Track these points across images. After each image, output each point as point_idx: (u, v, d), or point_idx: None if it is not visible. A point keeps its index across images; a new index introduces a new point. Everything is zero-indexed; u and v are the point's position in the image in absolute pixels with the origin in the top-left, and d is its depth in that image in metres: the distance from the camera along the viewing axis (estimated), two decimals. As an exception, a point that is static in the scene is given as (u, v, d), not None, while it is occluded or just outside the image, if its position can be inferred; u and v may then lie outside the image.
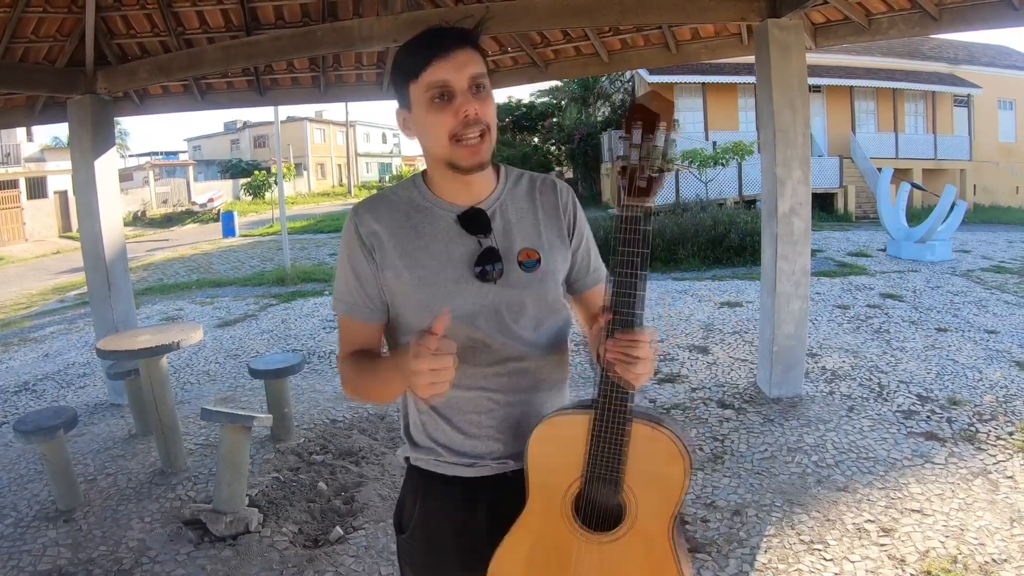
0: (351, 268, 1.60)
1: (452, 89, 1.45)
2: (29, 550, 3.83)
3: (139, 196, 36.96)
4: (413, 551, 1.69)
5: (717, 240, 13.63)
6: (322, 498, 4.32)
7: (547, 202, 1.67)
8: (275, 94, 7.60)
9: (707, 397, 5.84)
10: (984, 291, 9.96)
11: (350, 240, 1.59)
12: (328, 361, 7.63)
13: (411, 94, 1.51)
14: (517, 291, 1.57)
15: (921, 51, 26.31)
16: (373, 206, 1.62)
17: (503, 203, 1.63)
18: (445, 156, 1.51)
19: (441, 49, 1.46)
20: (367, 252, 1.57)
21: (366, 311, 1.61)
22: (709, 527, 3.80)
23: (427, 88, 1.46)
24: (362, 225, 1.58)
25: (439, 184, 1.61)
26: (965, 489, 4.08)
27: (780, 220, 5.53)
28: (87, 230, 6.40)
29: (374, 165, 60.84)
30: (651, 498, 1.46)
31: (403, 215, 1.59)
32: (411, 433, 1.69)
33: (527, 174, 1.71)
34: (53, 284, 16.37)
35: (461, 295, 1.53)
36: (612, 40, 6.81)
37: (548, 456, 1.48)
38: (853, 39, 6.01)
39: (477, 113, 1.46)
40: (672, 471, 1.44)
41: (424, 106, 1.48)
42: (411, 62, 1.49)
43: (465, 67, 1.46)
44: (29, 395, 7.03)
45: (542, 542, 1.51)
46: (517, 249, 1.59)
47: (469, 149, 1.48)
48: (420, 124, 1.52)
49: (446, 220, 1.58)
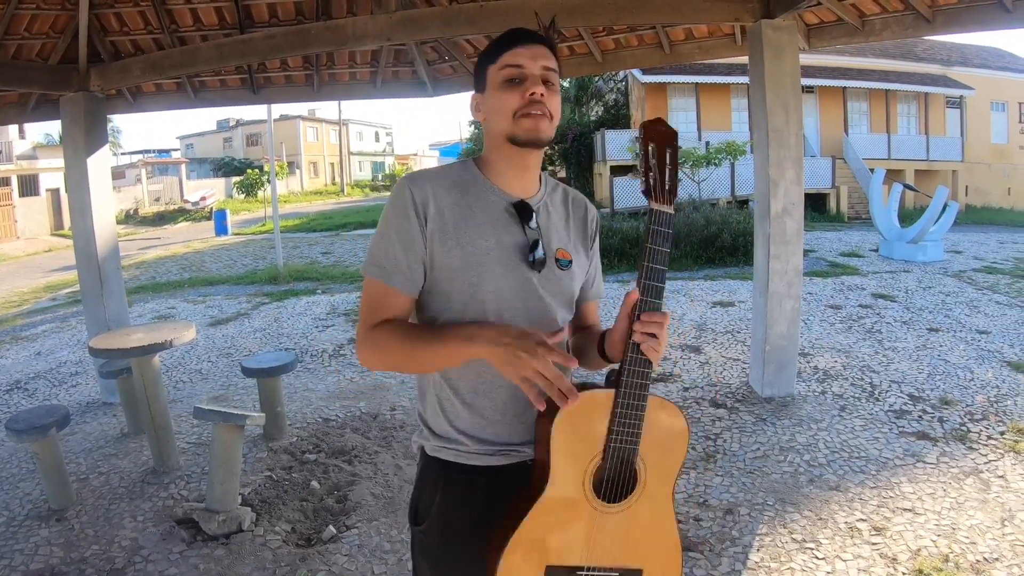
0: (396, 234, 1.58)
1: (525, 73, 1.59)
2: (21, 549, 3.82)
3: (131, 194, 36.90)
4: (430, 543, 1.68)
5: (710, 240, 13.65)
6: (315, 497, 4.32)
7: (578, 214, 1.80)
8: (269, 92, 7.58)
9: (700, 396, 5.85)
10: (976, 292, 10.00)
11: (402, 205, 1.59)
12: (321, 360, 7.63)
13: (488, 76, 1.64)
14: (552, 284, 1.65)
15: (914, 52, 26.40)
16: (429, 177, 1.65)
17: (545, 204, 1.72)
18: (508, 131, 1.60)
19: (523, 39, 1.62)
20: (420, 219, 1.58)
21: (402, 279, 1.59)
22: (702, 526, 3.80)
23: (502, 67, 1.60)
24: (418, 192, 1.60)
25: (495, 170, 1.68)
26: (957, 488, 4.10)
27: (773, 220, 5.54)
28: (79, 228, 6.38)
29: (367, 164, 60.80)
30: (660, 463, 1.58)
31: (458, 192, 1.64)
32: (428, 420, 1.69)
33: (561, 185, 1.83)
34: (45, 282, 16.31)
35: (509, 277, 1.59)
36: (606, 40, 6.82)
37: (573, 435, 1.51)
38: (846, 40, 6.02)
39: (544, 95, 1.58)
40: (678, 436, 1.60)
41: (497, 86, 1.61)
42: (494, 47, 1.64)
43: (540, 58, 1.60)
44: (21, 393, 7.00)
45: (560, 524, 1.54)
46: (554, 247, 1.68)
47: (531, 120, 1.58)
48: (491, 104, 1.64)
49: (498, 205, 1.65)
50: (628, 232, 14.04)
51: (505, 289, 1.59)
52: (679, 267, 12.96)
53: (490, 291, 1.57)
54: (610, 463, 1.52)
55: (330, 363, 7.49)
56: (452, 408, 1.64)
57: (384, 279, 1.59)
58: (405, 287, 1.60)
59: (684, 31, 6.60)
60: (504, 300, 1.58)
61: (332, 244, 20.17)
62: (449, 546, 1.65)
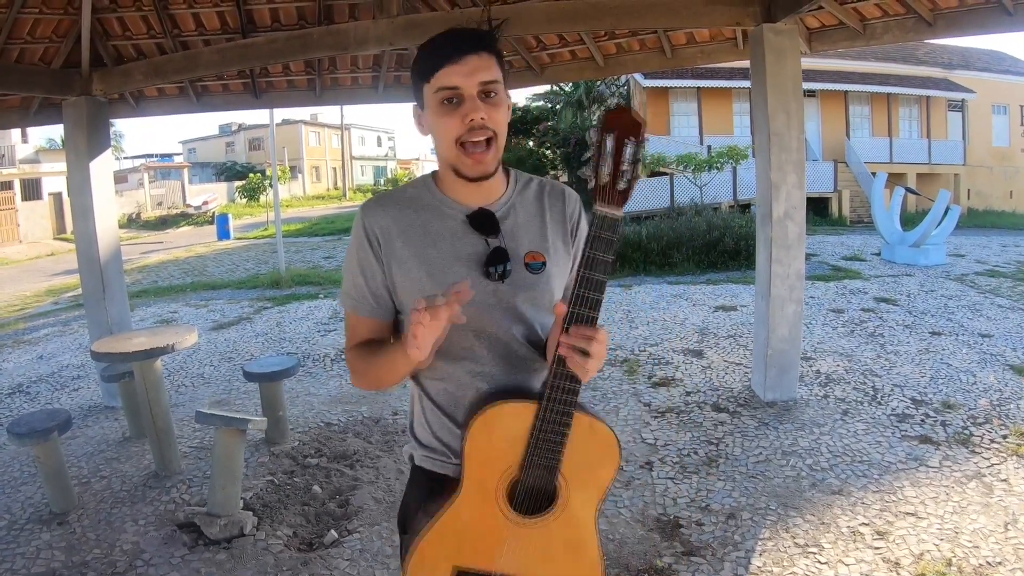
0: (358, 265, 1.63)
1: (461, 94, 1.50)
2: (23, 553, 3.82)
3: (134, 198, 36.93)
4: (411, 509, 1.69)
5: (712, 244, 13.62)
6: (317, 501, 4.31)
7: (555, 208, 1.71)
8: (270, 97, 7.59)
9: (702, 401, 5.84)
10: (978, 295, 9.98)
11: (358, 237, 1.62)
12: (323, 364, 7.63)
13: (424, 95, 1.56)
14: (522, 291, 1.60)
15: (915, 56, 26.41)
16: (382, 203, 1.65)
17: (512, 205, 1.66)
18: (452, 161, 1.56)
19: (454, 53, 1.49)
20: (374, 249, 1.60)
21: (370, 307, 1.64)
22: (704, 530, 3.80)
23: (437, 91, 1.51)
24: (369, 222, 1.61)
25: (449, 184, 1.64)
26: (959, 492, 4.09)
27: (775, 224, 5.54)
28: (82, 232, 6.39)
29: (369, 168, 60.88)
30: (583, 481, 1.53)
31: (412, 212, 1.62)
32: (416, 430, 1.71)
33: (536, 179, 1.75)
34: (47, 286, 16.32)
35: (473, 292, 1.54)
36: (608, 44, 6.83)
37: (488, 444, 1.49)
38: (848, 44, 6.03)
39: (484, 119, 1.49)
40: (605, 456, 1.54)
41: (434, 108, 1.53)
42: (425, 64, 1.53)
43: (476, 73, 1.49)
44: (23, 397, 7.01)
45: (471, 528, 1.52)
46: (524, 251, 1.62)
47: (473, 158, 1.52)
48: (431, 125, 1.57)
49: (455, 219, 1.61)
50: (630, 236, 14.02)
51: (469, 304, 1.46)
52: (681, 271, 12.95)
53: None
54: (526, 476, 1.50)
55: (332, 368, 7.49)
56: (435, 419, 1.66)
57: (354, 309, 1.66)
58: (374, 313, 1.65)
59: (686, 35, 6.61)
60: (470, 314, 1.47)
61: (334, 248, 20.17)
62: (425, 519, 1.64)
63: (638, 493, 4.25)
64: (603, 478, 1.55)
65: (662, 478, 4.46)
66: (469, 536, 1.53)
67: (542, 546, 1.54)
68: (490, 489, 1.50)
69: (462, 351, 1.60)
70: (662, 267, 13.22)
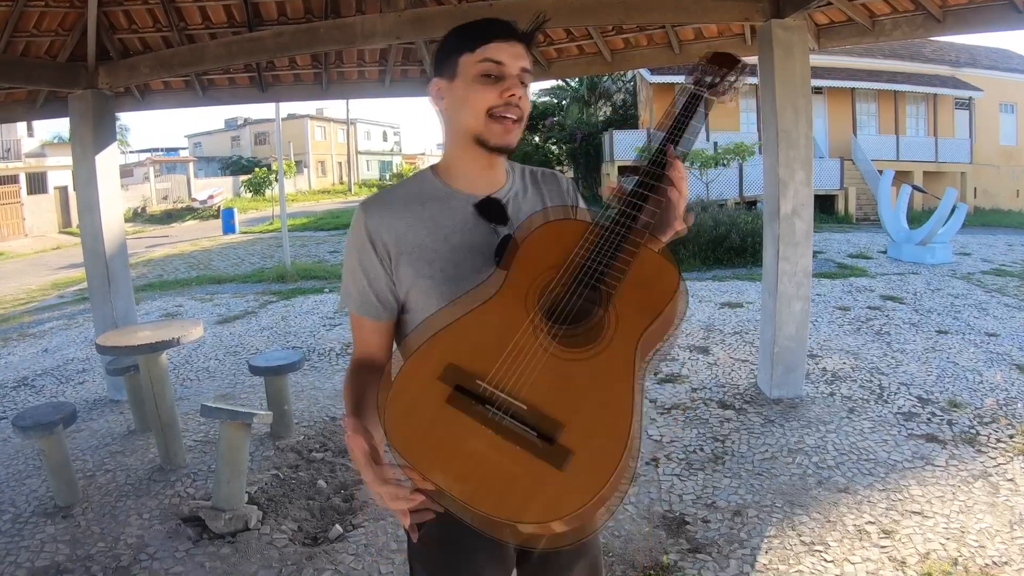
0: (359, 265, 1.59)
1: (504, 71, 1.50)
2: (27, 546, 3.82)
3: (139, 192, 37.00)
4: (428, 551, 1.64)
5: (718, 241, 13.61)
6: (322, 496, 4.31)
7: (552, 191, 1.73)
8: (277, 91, 7.58)
9: (707, 397, 5.83)
10: (984, 294, 9.96)
11: (358, 237, 1.58)
12: (328, 358, 7.62)
13: (460, 65, 1.53)
14: None
15: (923, 54, 26.31)
16: (385, 200, 1.61)
17: (516, 193, 1.66)
18: (477, 130, 1.53)
19: (506, 33, 1.53)
20: (377, 248, 1.56)
21: (374, 309, 1.60)
22: (710, 527, 3.79)
23: (482, 61, 1.50)
24: (372, 221, 1.57)
25: (455, 173, 1.62)
26: (966, 491, 4.07)
27: (782, 221, 5.52)
28: (87, 225, 6.39)
29: (374, 163, 60.89)
30: (634, 320, 1.33)
31: (418, 205, 1.59)
32: None
33: (527, 167, 1.76)
34: (52, 280, 16.35)
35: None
36: (615, 39, 6.80)
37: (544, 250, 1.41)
38: (856, 40, 5.99)
39: (520, 99, 1.51)
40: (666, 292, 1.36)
41: (471, 79, 1.51)
42: (472, 35, 1.53)
43: (520, 58, 1.53)
44: (28, 390, 7.02)
45: (491, 334, 1.33)
46: None
47: (503, 126, 1.52)
48: (459, 96, 1.54)
49: (463, 210, 1.59)
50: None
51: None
52: (687, 268, 12.92)
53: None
54: (570, 290, 1.36)
55: (337, 362, 7.49)
56: None
57: (360, 311, 1.62)
58: (374, 314, 1.61)
59: (694, 31, 6.58)
60: None
61: (340, 243, 20.15)
62: (448, 551, 1.61)
63: (644, 489, 4.24)
64: (659, 323, 1.35)
65: (668, 475, 4.44)
66: (478, 336, 1.33)
67: (564, 377, 1.28)
68: (528, 298, 1.35)
69: None
70: (668, 264, 13.17)
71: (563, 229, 1.45)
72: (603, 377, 1.28)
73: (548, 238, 1.43)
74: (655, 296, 1.35)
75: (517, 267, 1.39)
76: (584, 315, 1.34)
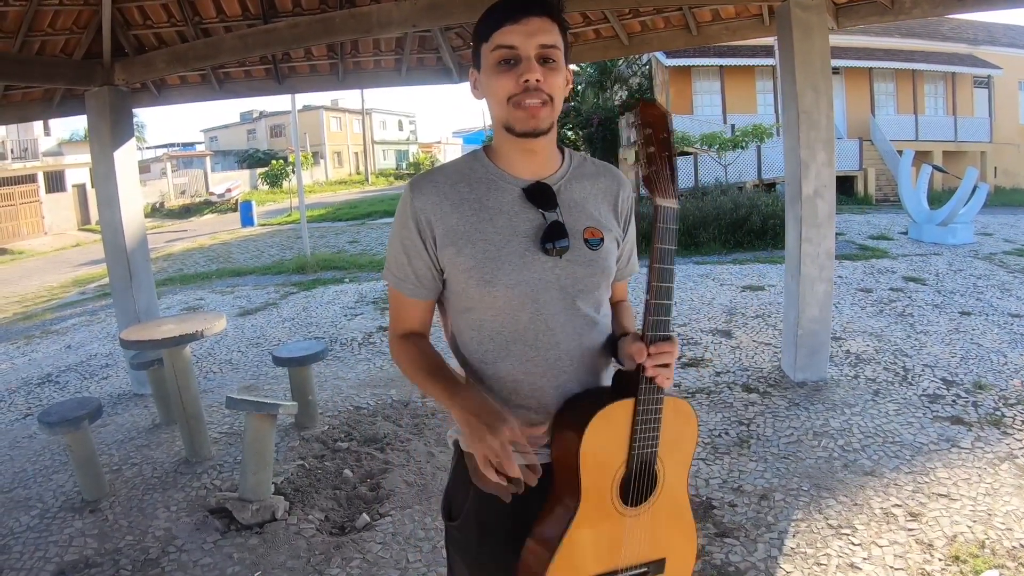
0: (401, 243, 1.59)
1: (518, 54, 1.47)
2: (55, 541, 3.85)
3: (157, 188, 37.25)
4: (465, 539, 1.65)
5: (738, 223, 13.54)
6: (348, 485, 4.33)
7: (610, 189, 1.69)
8: (293, 82, 7.57)
9: (732, 381, 5.80)
10: (1007, 274, 9.85)
11: (403, 215, 1.58)
12: (351, 348, 7.65)
13: (482, 55, 1.54)
14: (582, 268, 1.57)
15: (941, 32, 26.01)
16: (433, 179, 1.60)
17: (569, 181, 1.63)
18: (503, 118, 1.53)
19: (516, 13, 1.47)
20: (420, 228, 1.56)
21: (412, 287, 1.61)
22: (737, 511, 3.77)
23: (495, 49, 1.49)
24: (418, 199, 1.56)
25: (503, 156, 1.61)
26: (992, 474, 4.03)
27: (804, 203, 5.47)
28: (107, 221, 6.43)
29: (391, 153, 60.99)
30: (674, 457, 1.58)
31: (466, 186, 1.58)
32: None
33: (590, 158, 1.73)
34: (73, 276, 16.49)
35: (527, 269, 1.53)
36: (632, 22, 6.74)
37: (599, 448, 1.48)
38: (876, 19, 5.90)
39: (539, 81, 1.47)
40: (686, 427, 1.60)
41: (489, 68, 1.51)
42: (485, 23, 1.52)
43: (535, 35, 1.47)
44: (52, 387, 7.09)
45: (595, 538, 1.52)
46: (583, 227, 1.59)
47: (525, 112, 1.48)
48: (485, 86, 1.54)
49: (511, 193, 1.57)
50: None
51: (527, 280, 1.52)
52: (707, 251, 12.90)
53: (501, 290, 1.52)
54: (633, 469, 1.51)
55: (360, 351, 7.51)
56: None
57: (397, 286, 1.63)
58: (417, 293, 1.62)
59: (711, 12, 6.49)
60: (529, 292, 1.52)
61: (358, 233, 20.24)
62: (485, 542, 1.62)
63: (668, 475, 4.22)
64: (688, 450, 1.62)
65: (694, 460, 4.40)
66: (593, 544, 1.52)
67: (650, 528, 1.57)
68: (605, 492, 1.51)
69: (519, 330, 1.55)
70: (688, 247, 13.13)
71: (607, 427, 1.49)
72: (674, 508, 1.61)
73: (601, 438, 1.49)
74: (685, 435, 1.61)
75: (587, 470, 1.48)
76: (645, 477, 1.54)
